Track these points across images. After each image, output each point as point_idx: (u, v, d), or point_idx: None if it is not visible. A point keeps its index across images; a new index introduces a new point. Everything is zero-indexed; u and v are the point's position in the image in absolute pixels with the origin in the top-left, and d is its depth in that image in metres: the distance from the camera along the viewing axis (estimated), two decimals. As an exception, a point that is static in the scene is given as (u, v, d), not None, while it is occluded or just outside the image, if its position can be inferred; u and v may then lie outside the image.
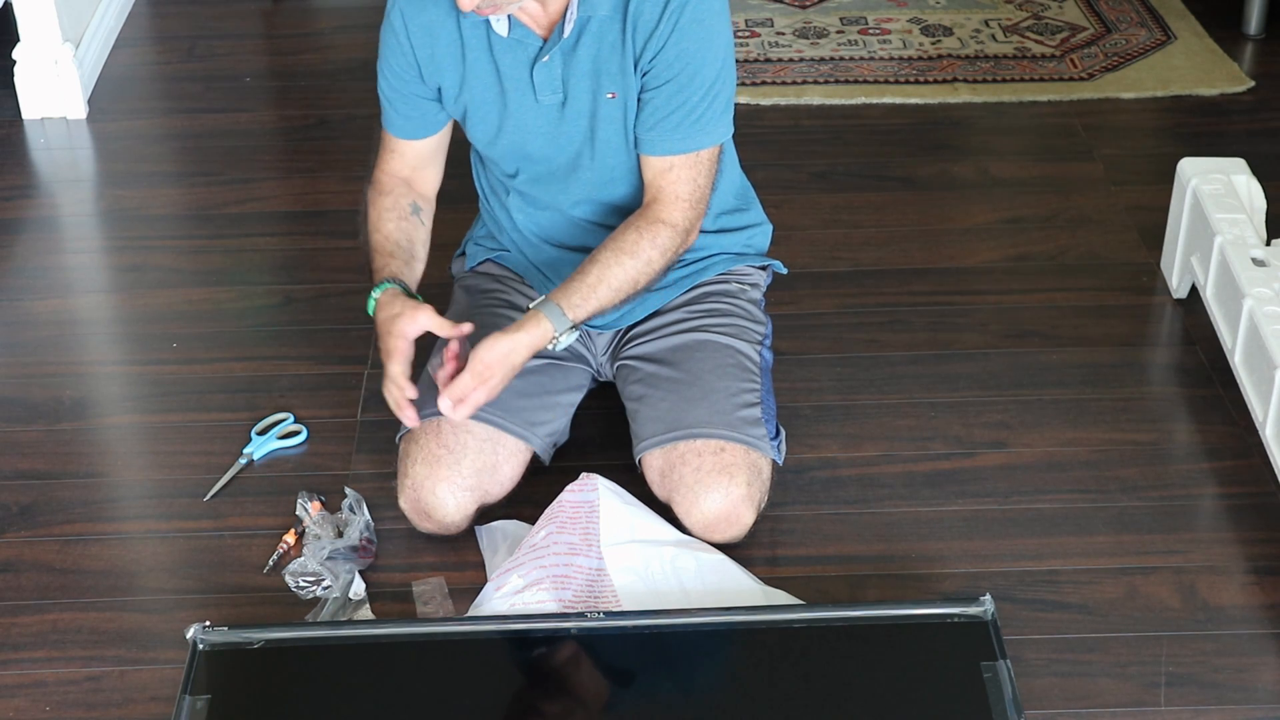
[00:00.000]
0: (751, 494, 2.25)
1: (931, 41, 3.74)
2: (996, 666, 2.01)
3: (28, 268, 3.03)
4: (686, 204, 2.28)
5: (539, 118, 2.28)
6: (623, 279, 2.25)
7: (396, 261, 2.32)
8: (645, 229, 2.26)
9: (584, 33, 2.21)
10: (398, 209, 2.37)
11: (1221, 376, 2.61)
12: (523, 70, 2.24)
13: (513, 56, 2.24)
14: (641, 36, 2.19)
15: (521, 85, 2.26)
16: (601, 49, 2.22)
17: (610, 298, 2.25)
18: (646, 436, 2.29)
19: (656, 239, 2.26)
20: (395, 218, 2.37)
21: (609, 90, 2.24)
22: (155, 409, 2.64)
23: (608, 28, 2.20)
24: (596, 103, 2.25)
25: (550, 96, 2.25)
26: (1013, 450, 2.51)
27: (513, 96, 2.27)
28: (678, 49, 2.20)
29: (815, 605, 2.17)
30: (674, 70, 2.21)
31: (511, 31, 2.22)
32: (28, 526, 2.39)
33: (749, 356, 2.38)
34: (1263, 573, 2.28)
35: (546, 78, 2.24)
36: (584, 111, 2.27)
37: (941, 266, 2.96)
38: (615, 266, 2.24)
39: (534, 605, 2.14)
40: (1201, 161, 2.80)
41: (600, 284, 2.24)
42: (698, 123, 2.25)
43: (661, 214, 2.27)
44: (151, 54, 3.80)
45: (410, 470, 2.28)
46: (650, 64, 2.21)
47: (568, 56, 2.22)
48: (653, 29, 2.19)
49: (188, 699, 1.99)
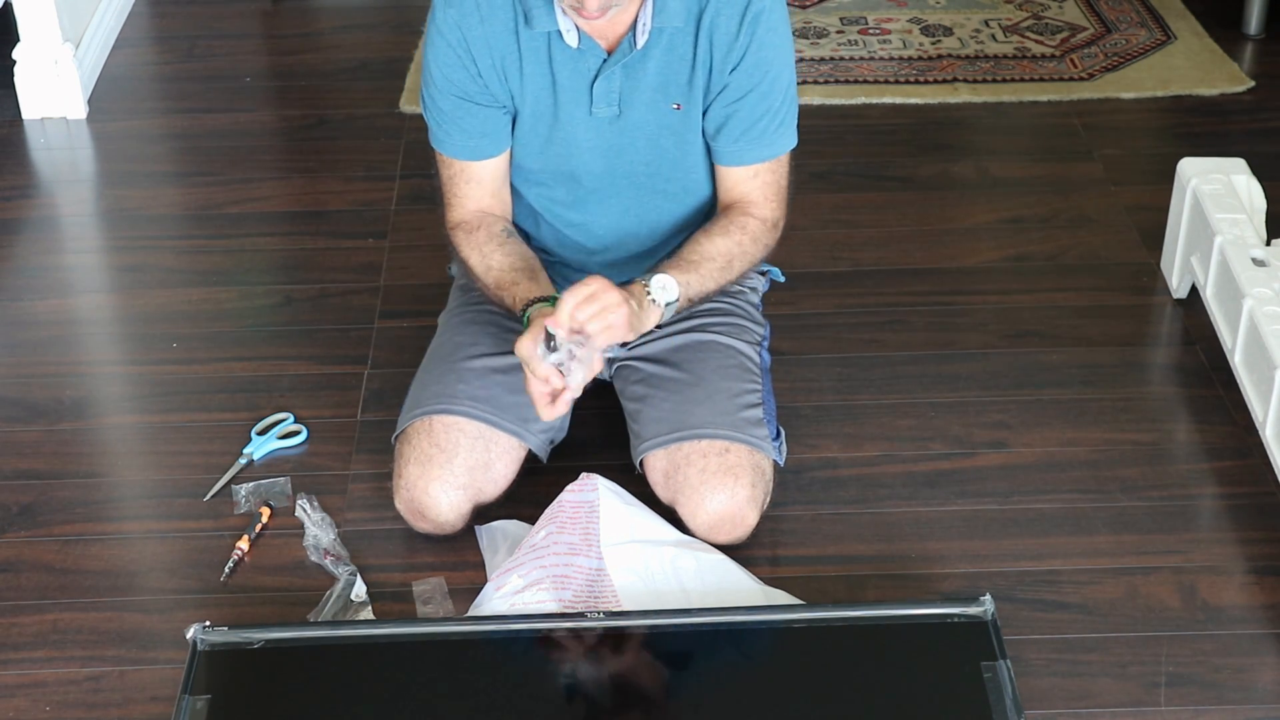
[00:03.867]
0: (755, 495, 2.25)
1: (931, 41, 3.74)
2: (996, 666, 2.01)
3: (28, 268, 3.03)
4: (775, 202, 2.32)
5: (589, 131, 2.27)
6: (726, 256, 2.25)
7: (529, 283, 2.24)
8: (736, 220, 2.29)
9: (655, 45, 2.20)
10: (494, 239, 2.30)
11: (1221, 376, 2.61)
12: (582, 82, 2.23)
13: (574, 68, 2.22)
14: (721, 49, 2.19)
15: (578, 97, 2.24)
16: (671, 60, 2.21)
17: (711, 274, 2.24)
18: (649, 437, 2.29)
19: (747, 227, 2.29)
20: (498, 246, 2.29)
21: (674, 101, 2.24)
22: (155, 409, 2.64)
23: (679, 39, 2.20)
24: (658, 114, 2.25)
25: (605, 109, 2.24)
26: (1013, 450, 2.51)
27: (565, 109, 2.25)
28: (756, 58, 2.20)
29: (815, 605, 2.17)
30: (755, 79, 2.22)
31: (580, 42, 2.20)
32: (28, 526, 2.39)
33: (750, 357, 2.38)
34: (1263, 573, 2.28)
35: (605, 90, 2.23)
36: (641, 123, 2.26)
37: (941, 266, 2.96)
38: (710, 246, 2.25)
39: (534, 605, 2.14)
40: (1201, 161, 2.80)
41: (704, 263, 2.24)
42: (780, 129, 2.28)
43: (750, 209, 2.30)
44: (151, 54, 3.81)
45: (404, 470, 2.28)
46: (730, 75, 2.21)
47: (631, 69, 2.21)
48: (733, 40, 2.19)
49: (188, 699, 1.99)
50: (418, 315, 2.72)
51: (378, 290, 2.88)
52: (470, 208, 2.33)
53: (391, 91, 3.56)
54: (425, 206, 3.11)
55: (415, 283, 2.89)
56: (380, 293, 2.88)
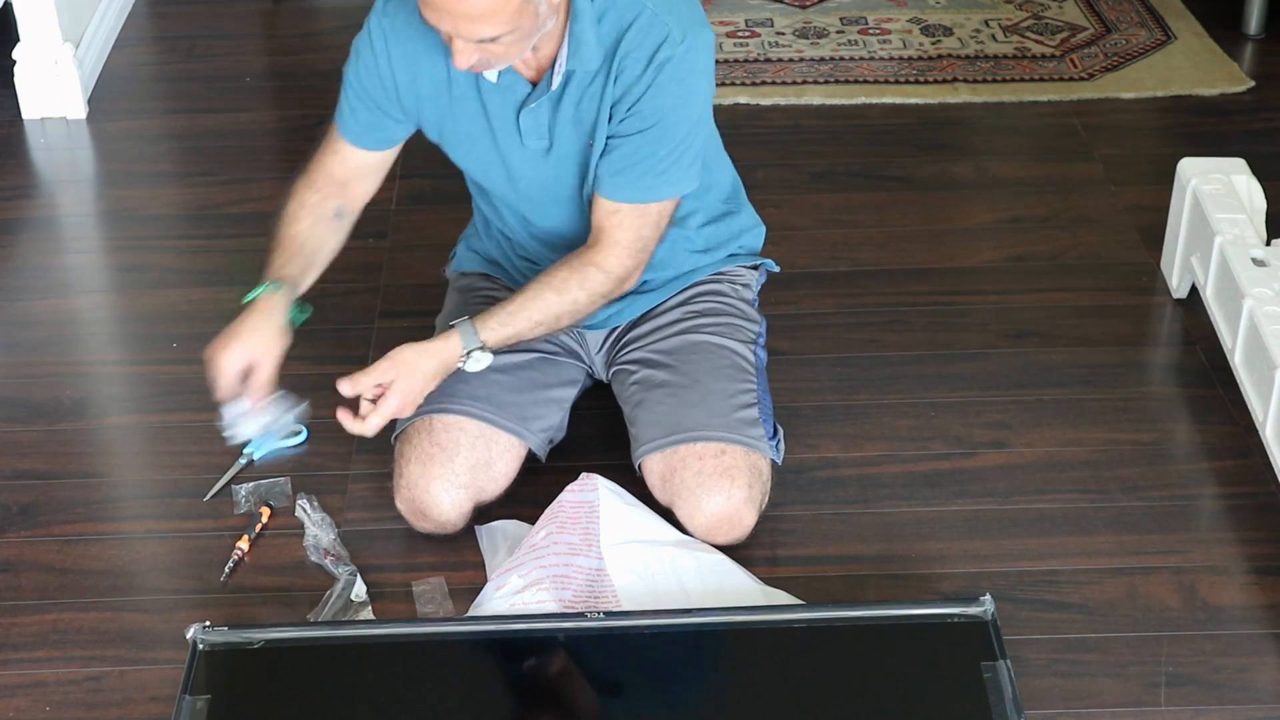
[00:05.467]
0: (752, 495, 2.25)
1: (931, 41, 3.74)
2: (996, 666, 2.01)
3: (28, 268, 3.03)
4: (626, 251, 2.26)
5: (524, 160, 2.27)
6: (544, 313, 2.25)
7: (295, 264, 2.29)
8: (578, 269, 2.26)
9: (570, 83, 2.20)
10: (320, 209, 2.34)
11: (1221, 376, 2.61)
12: (509, 113, 2.23)
13: (500, 99, 2.23)
14: (621, 87, 2.18)
15: (508, 127, 2.24)
16: (584, 100, 2.21)
17: (528, 328, 2.25)
18: (646, 441, 2.29)
19: (586, 281, 2.25)
20: (314, 218, 2.34)
21: (587, 139, 2.24)
22: (155, 409, 2.63)
23: (594, 80, 2.19)
24: (580, 149, 2.25)
25: (536, 142, 2.25)
26: (1013, 450, 2.51)
27: (501, 138, 2.26)
28: (654, 104, 2.18)
29: (815, 605, 2.17)
30: (647, 123, 2.20)
31: (501, 77, 2.21)
32: (28, 526, 2.39)
33: (744, 356, 2.38)
34: (1263, 573, 2.28)
35: (533, 124, 2.23)
36: (571, 157, 2.26)
37: (941, 266, 2.96)
38: (538, 300, 2.24)
39: (534, 605, 2.14)
40: (1201, 161, 2.80)
41: (521, 312, 2.24)
42: (659, 176, 2.23)
43: (597, 258, 2.26)
44: (151, 54, 3.80)
45: (405, 470, 2.28)
46: (626, 113, 2.19)
47: (554, 104, 2.22)
48: (633, 81, 2.17)
49: (188, 699, 1.99)
50: (418, 315, 2.71)
51: (378, 290, 2.88)
52: (326, 170, 2.37)
53: (391, 91, 3.55)
54: (425, 206, 3.11)
55: (415, 283, 2.89)
56: (380, 293, 2.88)
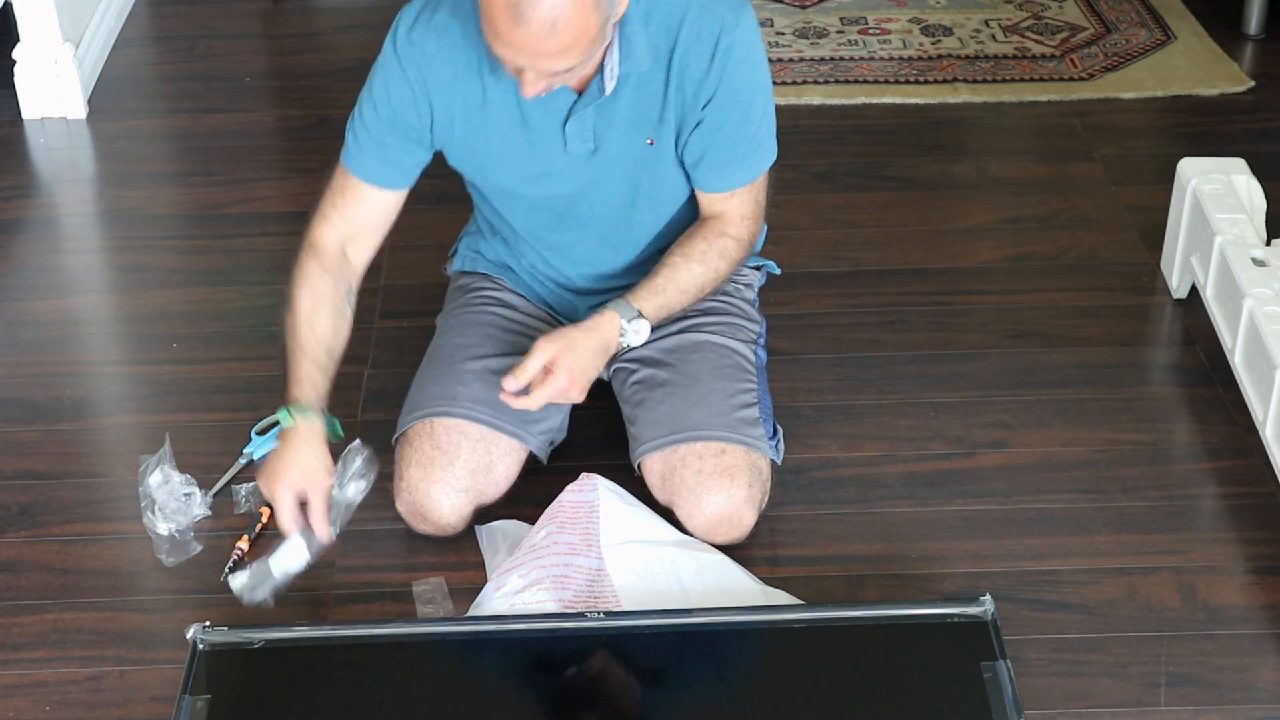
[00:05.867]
0: (752, 495, 2.25)
1: (931, 41, 3.74)
2: (996, 666, 2.01)
3: (28, 268, 3.03)
4: (751, 221, 2.32)
5: (565, 164, 2.26)
6: (690, 283, 2.27)
7: (320, 372, 2.21)
8: (713, 241, 2.29)
9: (624, 87, 2.19)
10: (335, 299, 2.25)
11: (1221, 376, 2.61)
12: (554, 122, 2.22)
13: (543, 109, 2.21)
14: (692, 85, 2.19)
15: (551, 136, 2.23)
16: (641, 99, 2.20)
17: (677, 297, 2.26)
18: (646, 440, 2.29)
19: (725, 251, 2.29)
20: (332, 312, 2.24)
21: (647, 137, 2.24)
22: (155, 409, 2.64)
23: (649, 80, 2.19)
24: (633, 148, 2.25)
25: (581, 146, 2.24)
26: (1013, 450, 2.51)
27: (541, 146, 2.24)
28: (730, 91, 2.20)
29: (815, 605, 2.17)
30: (730, 112, 2.21)
31: None
32: (28, 526, 2.39)
33: (745, 356, 2.38)
34: (1263, 573, 2.28)
35: (579, 129, 2.22)
36: (618, 158, 2.25)
37: (941, 266, 2.96)
38: (683, 271, 2.26)
39: (534, 605, 2.14)
40: (1201, 161, 2.80)
41: (668, 285, 2.26)
42: (758, 151, 2.28)
43: (729, 229, 2.30)
44: (151, 54, 3.80)
45: (405, 473, 2.28)
46: (704, 111, 2.21)
47: (603, 109, 2.20)
48: (703, 76, 2.18)
49: (188, 699, 1.99)
50: (418, 315, 2.72)
51: (378, 290, 2.88)
52: (337, 232, 2.29)
53: (391, 91, 3.55)
54: (426, 206, 3.10)
55: (415, 283, 2.89)
56: (380, 293, 2.87)
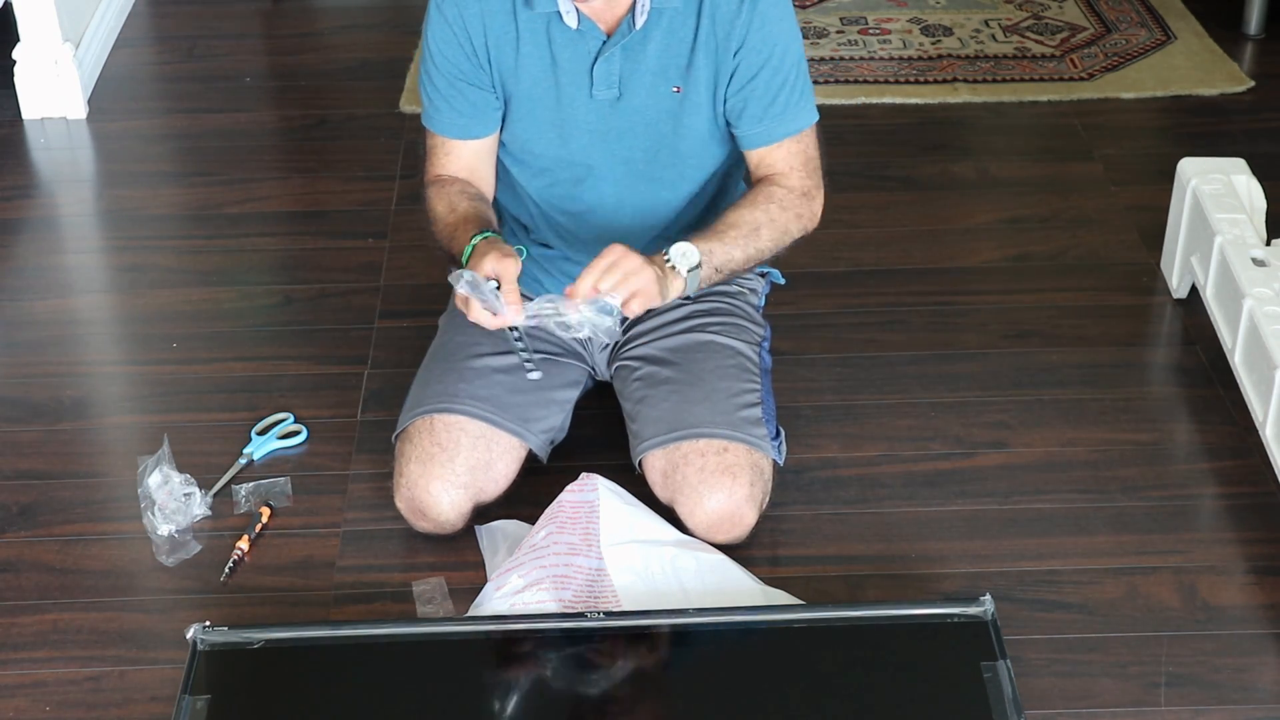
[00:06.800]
0: (754, 494, 2.25)
1: (931, 41, 3.74)
2: (996, 666, 2.01)
3: (28, 268, 3.03)
4: (802, 172, 2.30)
5: (589, 113, 2.27)
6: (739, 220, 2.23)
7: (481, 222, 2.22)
8: (761, 189, 2.27)
9: (654, 26, 2.20)
10: (467, 193, 2.30)
11: (1221, 376, 2.61)
12: (582, 64, 2.23)
13: (573, 50, 2.23)
14: (723, 29, 2.20)
15: (578, 79, 2.24)
16: (671, 43, 2.21)
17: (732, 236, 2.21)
18: (648, 437, 2.29)
19: (774, 196, 2.27)
20: (466, 197, 2.29)
21: (674, 85, 2.24)
22: (155, 409, 2.64)
23: (680, 21, 2.20)
24: (657, 98, 2.25)
25: (605, 91, 2.24)
26: (1013, 450, 2.51)
27: (566, 91, 2.25)
28: (761, 34, 2.20)
29: (815, 605, 2.17)
30: (764, 56, 2.22)
31: (580, 24, 2.21)
32: (28, 526, 2.39)
33: (749, 357, 2.38)
34: (1263, 573, 2.28)
35: (605, 72, 2.23)
36: (641, 108, 2.26)
37: (941, 266, 2.96)
38: (732, 215, 2.24)
39: (534, 605, 2.14)
40: (1201, 161, 2.80)
41: (720, 224, 2.22)
42: (800, 100, 2.27)
43: (777, 180, 2.29)
44: (151, 54, 3.81)
45: (405, 469, 2.28)
46: (736, 57, 2.21)
47: (631, 51, 2.21)
48: (734, 19, 2.19)
49: (188, 699, 1.99)
50: (418, 315, 2.72)
51: (378, 290, 2.88)
52: (444, 169, 2.34)
53: (391, 91, 3.56)
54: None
55: (415, 283, 2.89)
56: (380, 293, 2.88)
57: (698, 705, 2.05)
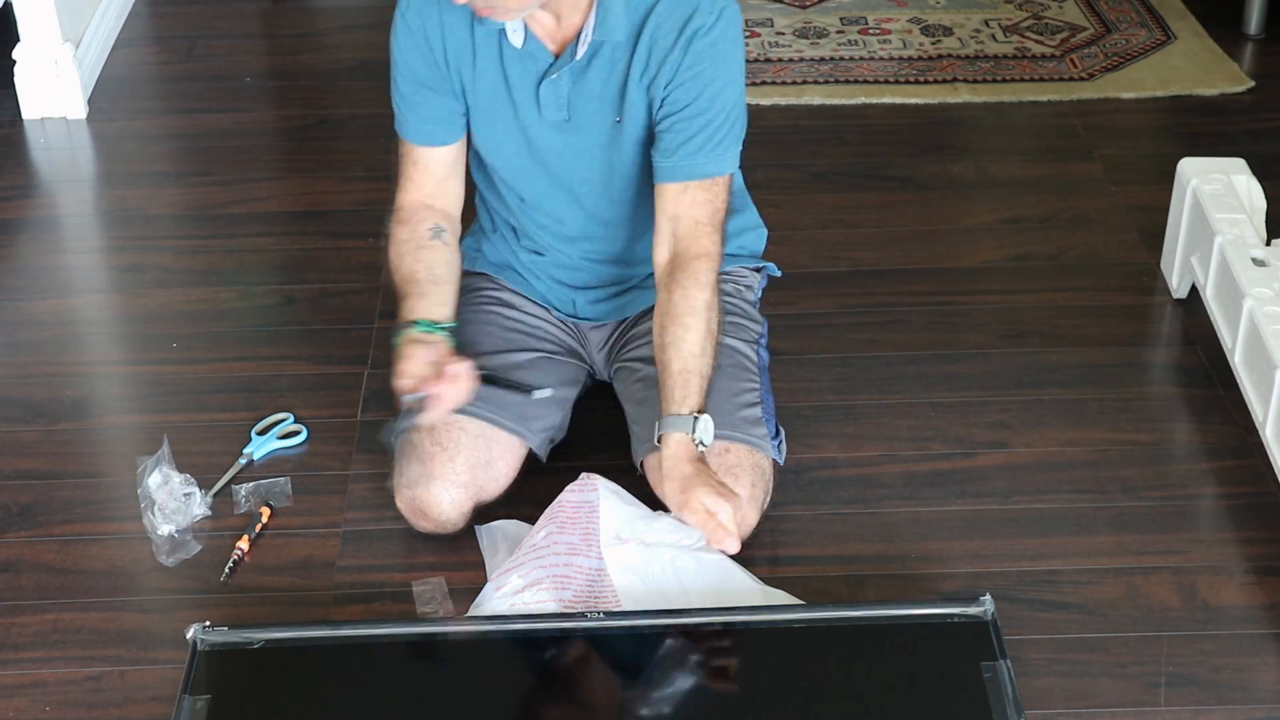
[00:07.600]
0: (755, 495, 2.25)
1: (931, 41, 3.74)
2: (996, 666, 2.01)
3: (28, 268, 3.03)
4: (709, 228, 2.23)
5: (543, 133, 2.27)
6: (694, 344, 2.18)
7: (415, 299, 2.25)
8: (681, 279, 2.20)
9: (596, 56, 2.20)
10: (414, 239, 2.31)
11: (1221, 376, 2.61)
12: (530, 83, 2.24)
13: (522, 68, 2.23)
14: (655, 61, 2.18)
15: (528, 98, 2.25)
16: (611, 75, 2.21)
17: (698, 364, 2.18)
18: (649, 438, 2.29)
19: (699, 278, 2.19)
20: (412, 250, 2.31)
21: (615, 116, 2.24)
22: (155, 409, 2.64)
23: (620, 54, 2.20)
24: (603, 125, 2.25)
25: (555, 114, 2.25)
26: (1013, 450, 2.51)
27: (521, 109, 2.27)
28: (693, 73, 2.18)
29: (815, 605, 2.16)
30: (692, 95, 2.19)
31: (525, 43, 2.21)
32: (28, 526, 2.39)
33: (747, 356, 2.38)
34: (1263, 573, 2.28)
35: (553, 95, 2.23)
36: (592, 131, 2.26)
37: (941, 266, 2.96)
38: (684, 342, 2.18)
39: (534, 605, 2.14)
40: (1201, 161, 2.80)
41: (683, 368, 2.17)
42: (718, 147, 2.22)
43: (691, 248, 2.22)
44: (151, 54, 3.81)
45: (405, 469, 2.28)
46: (666, 90, 2.20)
47: (577, 77, 2.22)
48: (667, 53, 2.18)
49: (188, 699, 1.99)
50: (418, 315, 2.71)
51: (378, 290, 2.88)
52: (413, 195, 2.36)
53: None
54: (425, 206, 3.11)
55: (415, 283, 2.89)
56: (380, 293, 2.87)
57: (698, 705, 2.04)
